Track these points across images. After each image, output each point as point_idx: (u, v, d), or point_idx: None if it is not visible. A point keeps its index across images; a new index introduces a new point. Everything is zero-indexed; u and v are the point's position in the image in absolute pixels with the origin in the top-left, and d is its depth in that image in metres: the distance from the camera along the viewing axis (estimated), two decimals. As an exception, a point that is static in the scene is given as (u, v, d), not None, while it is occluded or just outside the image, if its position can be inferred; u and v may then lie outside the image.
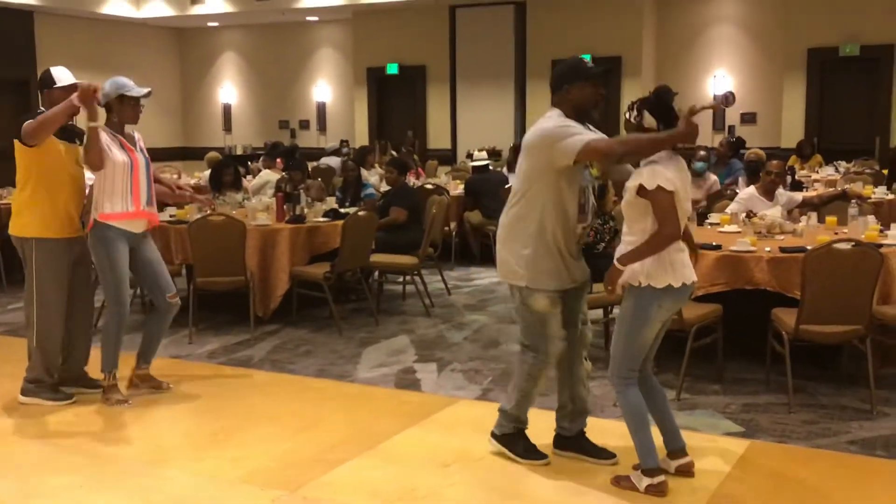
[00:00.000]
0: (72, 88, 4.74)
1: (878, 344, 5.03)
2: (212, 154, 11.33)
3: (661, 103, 3.68)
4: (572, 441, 4.07)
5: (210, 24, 18.09)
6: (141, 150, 4.93)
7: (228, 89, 18.74)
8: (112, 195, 4.75)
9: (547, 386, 4.12)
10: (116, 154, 4.74)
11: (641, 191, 3.57)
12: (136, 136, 4.98)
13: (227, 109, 18.76)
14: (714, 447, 4.16)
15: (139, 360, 5.12)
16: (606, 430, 4.27)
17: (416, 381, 5.38)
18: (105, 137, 4.70)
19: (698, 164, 8.37)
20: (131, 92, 4.81)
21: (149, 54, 17.88)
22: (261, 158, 12.71)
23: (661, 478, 3.66)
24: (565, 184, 3.71)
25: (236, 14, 16.45)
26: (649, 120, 3.65)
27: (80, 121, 4.89)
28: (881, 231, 5.60)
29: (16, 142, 4.78)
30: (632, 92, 13.69)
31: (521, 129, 15.06)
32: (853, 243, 4.66)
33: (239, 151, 17.47)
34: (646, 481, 3.65)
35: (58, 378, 4.98)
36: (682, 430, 4.35)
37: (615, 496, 3.67)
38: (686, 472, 3.80)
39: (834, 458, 4.08)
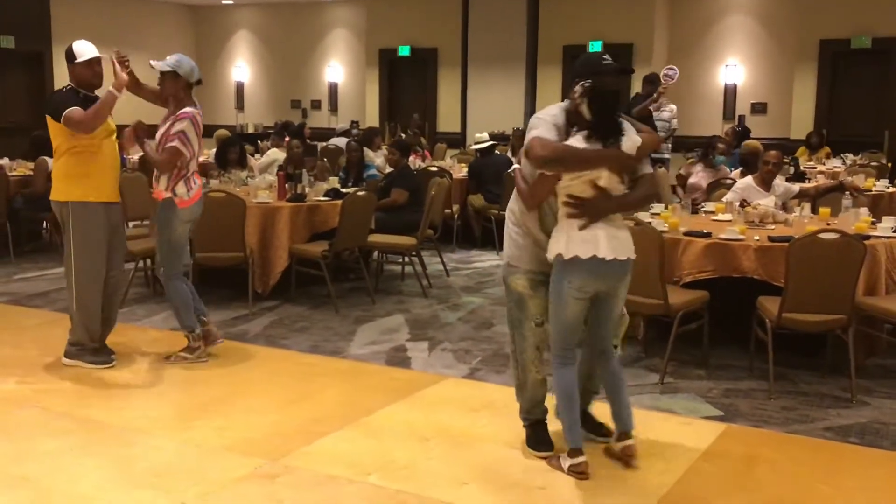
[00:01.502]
0: (92, 63, 4.99)
1: (862, 334, 5.09)
2: (221, 131, 11.40)
3: (604, 101, 3.57)
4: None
5: (225, 1, 18.18)
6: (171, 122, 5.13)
7: (242, 67, 18.83)
8: None
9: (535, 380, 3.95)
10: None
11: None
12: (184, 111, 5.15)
13: (239, 88, 18.86)
14: (690, 429, 4.24)
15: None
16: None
17: (407, 358, 5.48)
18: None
19: (718, 158, 8.54)
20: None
21: (163, 31, 17.98)
22: (270, 137, 12.84)
23: (582, 458, 3.68)
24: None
25: (251, -8, 16.54)
26: (585, 111, 3.57)
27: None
28: (873, 223, 5.63)
29: (49, 117, 4.95)
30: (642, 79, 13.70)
31: (530, 114, 15.04)
32: (838, 234, 4.71)
33: (250, 130, 17.58)
34: (568, 462, 3.71)
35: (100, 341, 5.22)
36: (661, 413, 4.46)
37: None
38: (628, 455, 3.78)
39: (807, 443, 4.15)
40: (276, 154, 9.91)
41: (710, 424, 4.35)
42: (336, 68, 17.85)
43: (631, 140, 3.59)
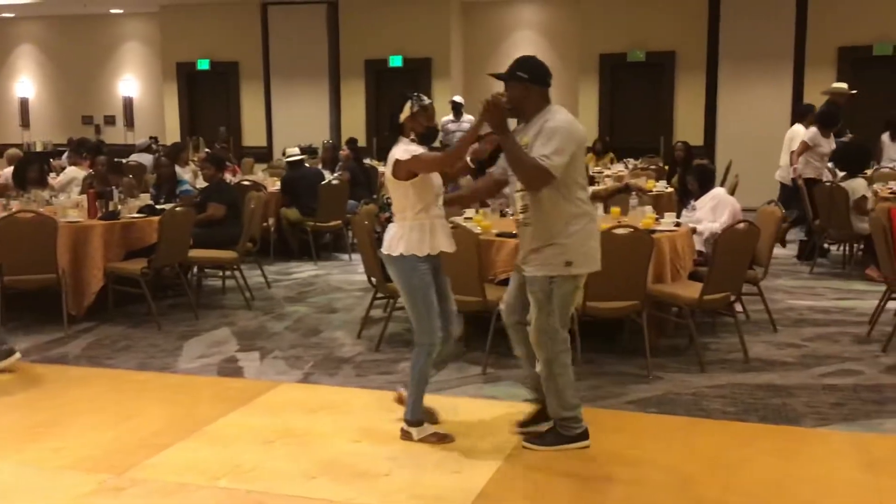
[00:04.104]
0: None
1: (653, 318, 5.72)
2: (12, 150, 10.83)
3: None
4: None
5: (5, 14, 17.14)
6: None
7: (26, 83, 17.82)
8: None
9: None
10: None
11: (399, 167, 4.06)
12: None
13: (24, 104, 17.84)
14: (513, 411, 4.62)
15: None
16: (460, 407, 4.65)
17: (239, 368, 5.57)
18: None
19: None
20: None
21: (-66, 44, 16.72)
22: (65, 155, 12.29)
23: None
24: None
25: (34, 5, 15.71)
26: None
27: None
28: (657, 219, 6.32)
29: None
30: (442, 92, 14.30)
31: (335, 126, 15.32)
32: (629, 229, 5.30)
33: (38, 148, 16.68)
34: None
35: None
36: (486, 399, 4.85)
37: (423, 460, 4.04)
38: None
39: (614, 416, 4.67)
40: (76, 172, 9.59)
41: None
42: (131, 82, 17.29)
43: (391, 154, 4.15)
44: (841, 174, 8.72)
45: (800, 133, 9.60)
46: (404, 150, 4.10)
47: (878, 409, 4.74)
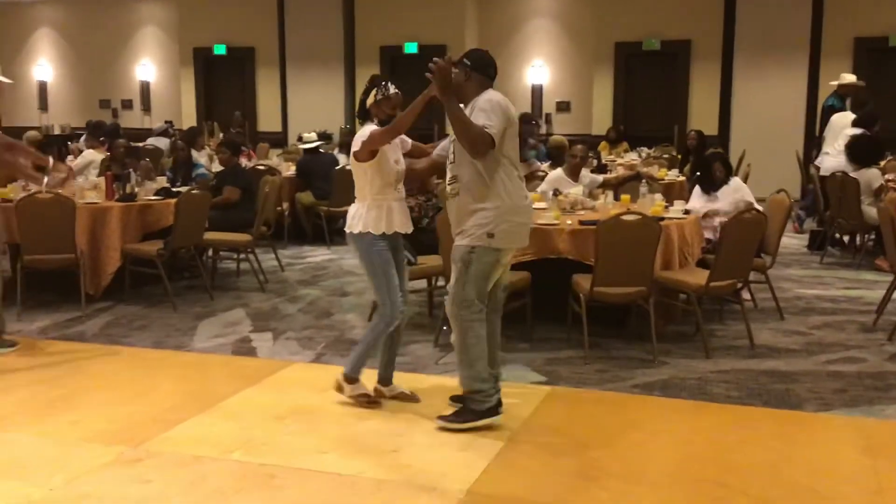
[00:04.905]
0: None
1: (661, 304, 5.79)
2: (32, 133, 10.98)
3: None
4: None
5: (24, -3, 17.31)
6: None
7: (44, 66, 17.99)
8: None
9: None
10: None
11: (361, 148, 4.27)
12: None
13: (42, 87, 18.01)
14: (522, 392, 4.73)
15: None
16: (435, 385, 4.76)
17: (253, 348, 5.68)
18: None
19: (529, 153, 9.15)
20: None
21: (-45, 27, 16.90)
22: (83, 138, 12.45)
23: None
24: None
25: (53, -12, 15.86)
26: None
27: None
28: (666, 207, 6.38)
29: None
30: (456, 79, 14.33)
31: (350, 112, 15.39)
32: (638, 216, 5.37)
33: (56, 131, 16.86)
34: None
35: None
36: (493, 382, 4.92)
37: (430, 438, 4.15)
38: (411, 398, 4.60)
39: (618, 398, 4.76)
40: (93, 155, 9.72)
41: (537, 388, 4.88)
42: (148, 67, 17.43)
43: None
44: (851, 166, 8.72)
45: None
46: (365, 130, 4.33)
47: (880, 395, 4.80)
